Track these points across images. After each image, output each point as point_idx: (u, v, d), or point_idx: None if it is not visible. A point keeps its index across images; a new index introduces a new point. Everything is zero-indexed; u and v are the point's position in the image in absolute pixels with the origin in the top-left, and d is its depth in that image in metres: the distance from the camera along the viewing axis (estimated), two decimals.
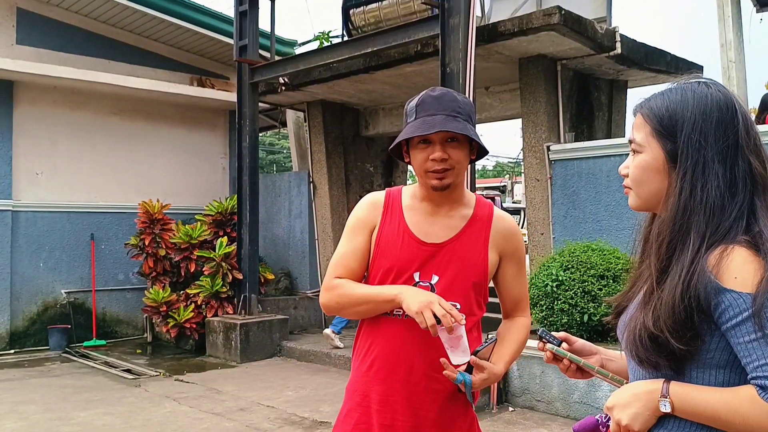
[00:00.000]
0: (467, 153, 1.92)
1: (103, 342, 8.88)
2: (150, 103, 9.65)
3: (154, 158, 9.80)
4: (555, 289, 5.49)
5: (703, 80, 1.33)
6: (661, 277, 1.26)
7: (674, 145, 1.28)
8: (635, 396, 1.28)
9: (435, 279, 1.92)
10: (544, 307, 5.61)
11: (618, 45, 6.62)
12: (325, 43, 9.76)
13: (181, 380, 6.96)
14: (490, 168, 53.98)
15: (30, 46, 8.92)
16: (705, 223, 1.23)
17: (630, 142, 1.37)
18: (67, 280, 8.96)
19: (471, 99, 5.92)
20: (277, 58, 8.75)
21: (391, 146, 1.99)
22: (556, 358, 1.55)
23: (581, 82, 7.25)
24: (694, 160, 1.25)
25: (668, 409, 1.23)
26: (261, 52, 8.76)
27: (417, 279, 1.92)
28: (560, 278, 5.49)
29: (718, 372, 1.22)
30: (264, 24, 8.67)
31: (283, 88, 8.66)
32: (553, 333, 1.56)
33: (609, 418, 1.35)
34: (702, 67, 8.00)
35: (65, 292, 8.91)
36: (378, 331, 1.94)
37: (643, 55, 7.10)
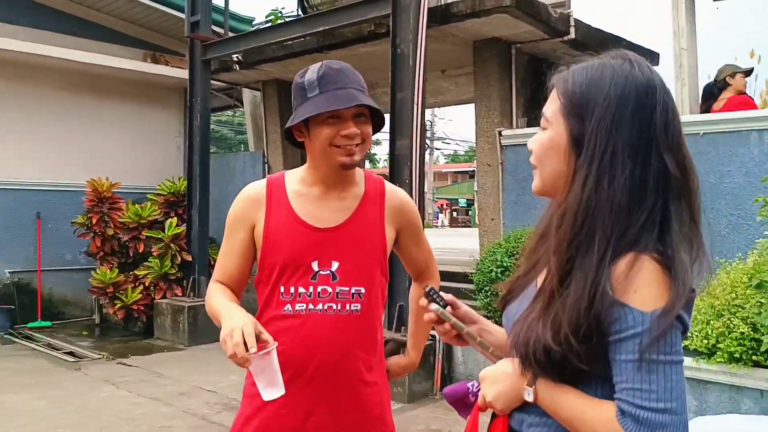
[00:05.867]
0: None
1: (48, 323, 8.66)
2: (101, 79, 9.36)
3: (105, 135, 9.52)
4: (500, 275, 5.44)
5: (630, 58, 1.17)
6: (562, 279, 1.13)
7: (582, 128, 1.13)
8: (505, 375, 1.22)
9: (335, 265, 1.80)
10: (488, 293, 5.57)
11: (572, 30, 6.55)
12: (279, 21, 9.55)
13: (124, 363, 6.81)
14: (462, 153, 54.02)
15: None
16: (611, 224, 1.09)
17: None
18: (11, 259, 8.70)
19: (423, 82, 5.80)
20: (230, 34, 8.54)
21: (297, 120, 1.76)
22: (439, 321, 1.39)
23: (536, 66, 7.16)
24: (602, 149, 1.10)
25: (531, 399, 1.17)
26: (215, 28, 8.54)
27: (316, 268, 1.79)
28: (505, 264, 5.45)
29: (596, 384, 1.13)
30: None
31: (237, 66, 8.45)
32: (441, 293, 1.40)
33: (479, 388, 1.29)
34: (658, 54, 7.99)
35: (9, 272, 8.65)
36: (278, 331, 1.74)
37: (598, 41, 7.03)
